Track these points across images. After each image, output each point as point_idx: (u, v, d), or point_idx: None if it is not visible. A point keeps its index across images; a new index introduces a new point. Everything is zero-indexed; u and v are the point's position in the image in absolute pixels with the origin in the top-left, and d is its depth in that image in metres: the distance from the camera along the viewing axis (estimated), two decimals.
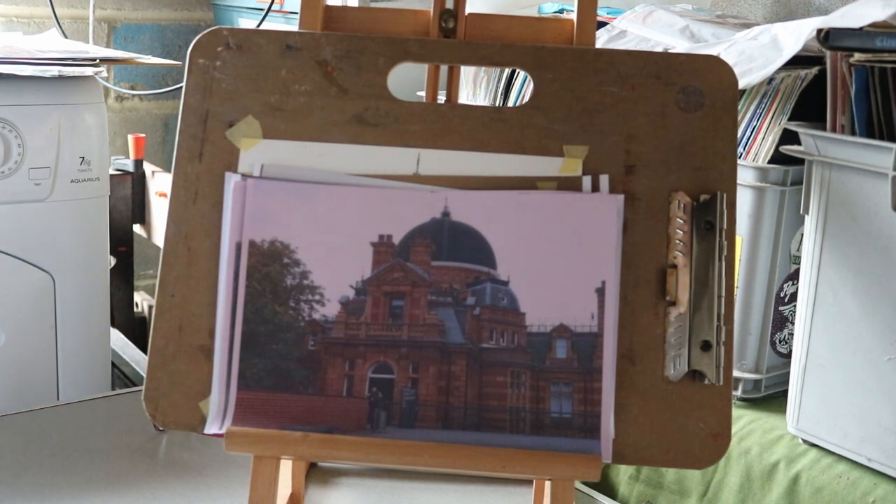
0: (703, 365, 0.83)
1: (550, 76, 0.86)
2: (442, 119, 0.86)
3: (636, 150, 0.85)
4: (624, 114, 0.86)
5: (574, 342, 0.83)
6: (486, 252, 0.84)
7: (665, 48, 1.35)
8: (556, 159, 0.85)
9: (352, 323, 0.84)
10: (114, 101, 2.23)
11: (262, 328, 0.84)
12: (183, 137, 0.86)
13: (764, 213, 1.21)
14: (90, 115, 1.38)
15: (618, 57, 0.87)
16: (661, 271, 0.84)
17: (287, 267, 0.84)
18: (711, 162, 0.85)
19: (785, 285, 1.25)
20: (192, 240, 0.85)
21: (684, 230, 0.84)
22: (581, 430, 0.82)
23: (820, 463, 1.12)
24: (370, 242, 0.84)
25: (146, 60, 1.47)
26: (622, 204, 0.84)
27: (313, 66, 0.87)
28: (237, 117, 0.86)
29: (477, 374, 0.83)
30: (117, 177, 1.90)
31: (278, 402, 0.83)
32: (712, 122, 0.85)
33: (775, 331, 1.25)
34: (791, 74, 1.21)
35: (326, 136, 0.86)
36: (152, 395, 0.84)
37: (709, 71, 0.86)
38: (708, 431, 0.82)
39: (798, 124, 1.15)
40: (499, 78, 1.56)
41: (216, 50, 0.87)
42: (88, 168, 1.37)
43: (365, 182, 0.85)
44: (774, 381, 1.27)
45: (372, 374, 0.83)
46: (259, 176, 0.85)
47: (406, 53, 0.87)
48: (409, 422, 0.82)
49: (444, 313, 0.84)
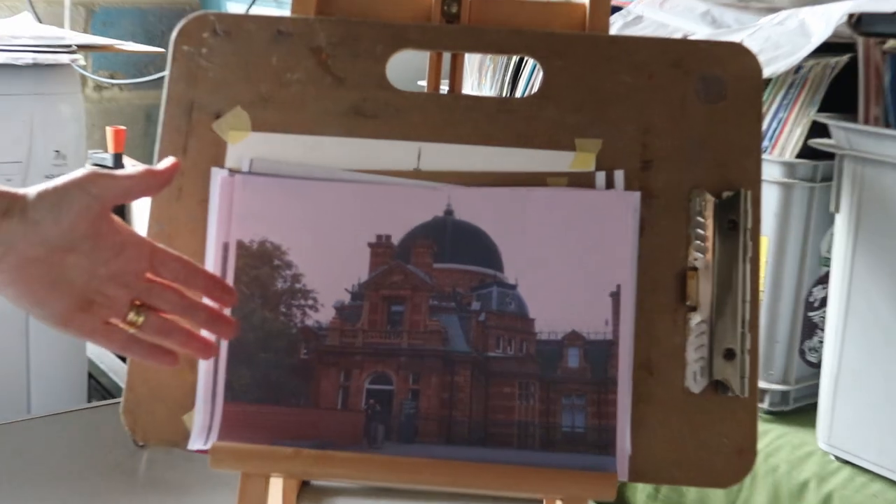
0: (726, 375, 0.83)
1: (561, 64, 0.87)
2: (445, 110, 0.86)
3: (653, 144, 0.85)
4: (640, 105, 0.86)
5: (587, 351, 0.83)
6: (492, 253, 0.84)
7: (684, 34, 1.36)
8: (567, 153, 0.85)
9: (347, 330, 0.84)
10: (91, 91, 2.23)
11: (251, 335, 0.84)
12: (166, 130, 0.87)
13: (791, 211, 1.22)
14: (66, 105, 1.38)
15: (633, 44, 0.87)
16: (681, 274, 0.84)
17: (278, 269, 0.84)
18: (734, 157, 0.85)
19: (814, 289, 1.25)
20: (176, 240, 0.85)
21: (706, 230, 0.84)
22: (595, 445, 0.82)
23: (853, 482, 1.12)
24: (367, 243, 0.85)
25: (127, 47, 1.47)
26: (638, 202, 0.84)
27: (306, 53, 0.87)
28: (224, 108, 0.87)
29: (482, 385, 0.83)
30: None
31: (268, 415, 0.83)
32: (735, 113, 0.85)
33: (804, 338, 1.25)
34: (820, 62, 1.21)
35: (320, 129, 0.86)
36: (132, 408, 0.84)
37: (731, 59, 0.86)
38: (732, 447, 0.82)
39: (828, 116, 1.15)
40: (506, 66, 1.56)
41: (202, 36, 0.87)
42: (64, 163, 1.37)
43: (362, 178, 0.86)
44: (804, 393, 1.27)
45: (369, 385, 0.83)
46: (248, 171, 0.86)
47: (406, 40, 0.88)
48: (409, 437, 0.82)
49: (446, 319, 0.84)
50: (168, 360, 0.78)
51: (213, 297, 0.80)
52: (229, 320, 0.81)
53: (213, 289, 0.80)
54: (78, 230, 0.73)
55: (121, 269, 0.75)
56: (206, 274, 0.80)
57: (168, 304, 0.77)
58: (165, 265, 0.77)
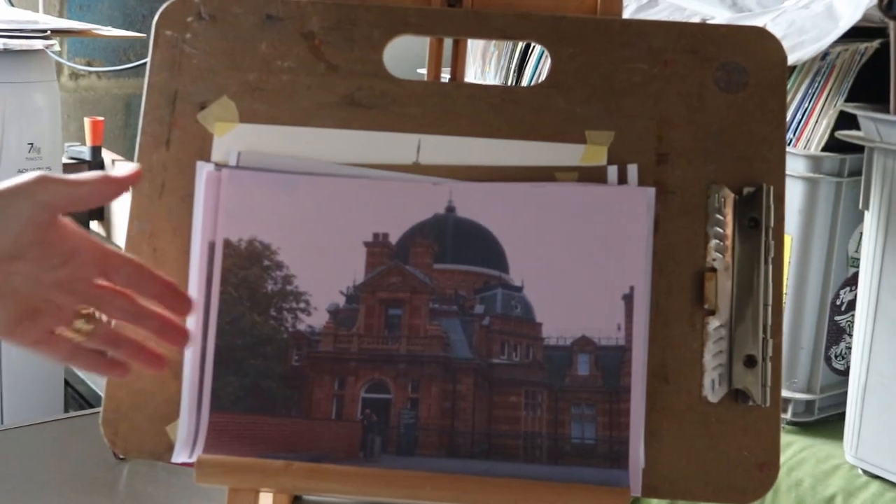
0: (746, 383, 0.83)
1: (571, 51, 0.87)
2: (446, 100, 0.86)
3: (669, 137, 0.85)
4: (655, 94, 0.86)
5: (598, 357, 0.83)
6: (496, 253, 0.84)
7: (703, 19, 1.36)
8: (577, 146, 0.86)
9: (342, 335, 0.84)
10: (67, 80, 2.23)
11: (239, 341, 0.84)
12: (147, 121, 0.87)
13: (817, 208, 1.22)
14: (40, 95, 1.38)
15: (648, 29, 0.87)
16: (699, 275, 0.84)
17: (267, 270, 0.84)
18: (756, 150, 0.85)
19: (841, 292, 1.25)
20: (158, 239, 0.85)
21: (725, 228, 0.84)
22: (606, 458, 0.82)
23: (883, 497, 1.12)
24: (363, 242, 0.85)
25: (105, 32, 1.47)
26: (653, 198, 0.84)
27: (298, 39, 0.87)
28: (210, 98, 0.87)
29: (486, 393, 0.83)
30: (72, 166, 1.90)
31: (257, 425, 0.83)
32: (757, 103, 0.86)
33: (830, 344, 1.25)
34: (849, 49, 1.21)
35: (313, 120, 0.86)
36: (112, 419, 0.84)
37: (753, 45, 0.86)
38: (753, 461, 0.83)
39: (857, 106, 1.15)
40: (511, 53, 1.56)
41: (186, 20, 0.87)
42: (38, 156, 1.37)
43: (357, 173, 0.86)
44: (829, 403, 1.27)
45: (365, 394, 0.83)
46: (235, 165, 0.86)
47: (405, 25, 0.88)
48: (408, 449, 0.83)
49: (448, 324, 0.84)
50: (117, 371, 0.78)
51: (165, 305, 0.78)
52: (183, 330, 0.79)
53: (166, 296, 0.78)
54: (24, 239, 0.72)
55: (69, 276, 0.74)
56: (161, 280, 0.78)
57: (118, 311, 0.76)
58: (118, 270, 0.76)
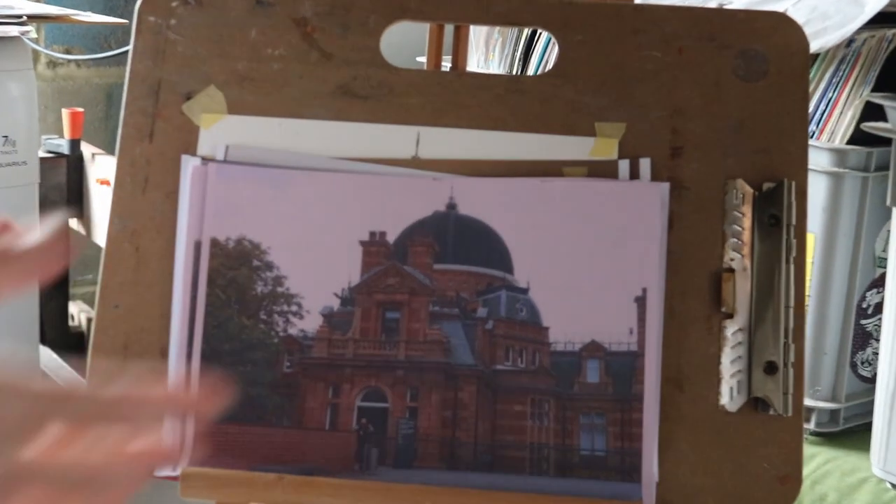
0: (767, 391, 0.83)
1: (580, 38, 0.87)
2: (447, 91, 0.87)
3: (684, 129, 0.86)
4: (669, 84, 0.86)
5: (608, 363, 0.83)
6: (500, 253, 0.85)
7: (720, 3, 1.36)
8: (586, 139, 0.86)
9: (336, 340, 0.84)
10: (45, 68, 2.23)
11: (227, 346, 0.84)
12: (130, 112, 0.87)
13: (841, 204, 1.22)
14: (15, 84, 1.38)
15: (662, 14, 0.87)
16: (716, 276, 0.84)
17: (257, 271, 0.85)
18: (777, 143, 0.85)
19: (868, 294, 1.25)
20: (141, 238, 0.85)
21: (744, 226, 0.84)
22: (618, 470, 0.82)
23: None
24: (359, 241, 0.85)
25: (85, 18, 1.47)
26: (667, 194, 0.85)
27: (290, 25, 0.87)
28: (196, 88, 0.87)
29: (490, 402, 0.83)
30: (49, 160, 1.91)
31: (246, 436, 0.83)
32: (778, 93, 0.86)
33: (856, 350, 1.25)
34: (875, 35, 1.21)
35: (306, 112, 0.86)
36: None
37: (773, 31, 0.86)
38: (774, 473, 0.83)
39: (884, 96, 1.15)
40: (516, 40, 1.56)
41: (171, 5, 0.88)
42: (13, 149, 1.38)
43: (352, 167, 0.86)
44: (855, 412, 1.27)
45: (361, 403, 0.84)
46: (223, 159, 0.86)
47: (403, 10, 0.88)
48: (407, 461, 0.83)
49: (449, 328, 0.84)
50: None
51: None
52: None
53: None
54: None
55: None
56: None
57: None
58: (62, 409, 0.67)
